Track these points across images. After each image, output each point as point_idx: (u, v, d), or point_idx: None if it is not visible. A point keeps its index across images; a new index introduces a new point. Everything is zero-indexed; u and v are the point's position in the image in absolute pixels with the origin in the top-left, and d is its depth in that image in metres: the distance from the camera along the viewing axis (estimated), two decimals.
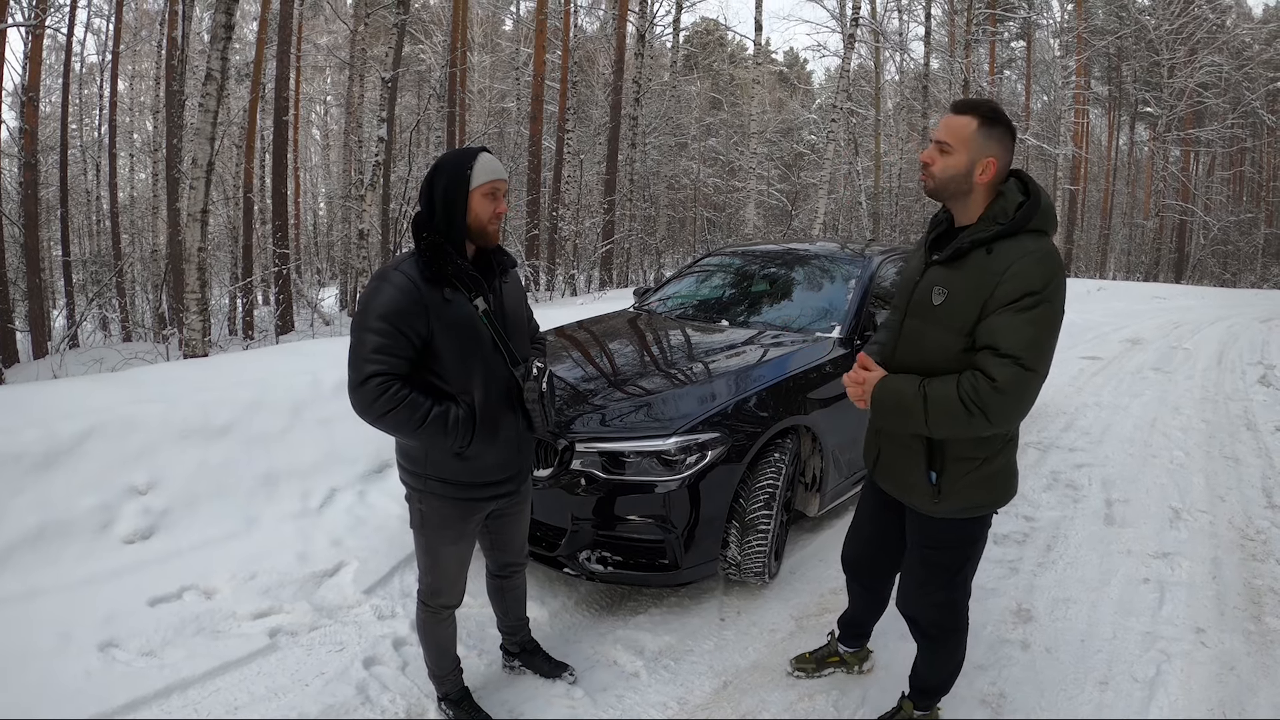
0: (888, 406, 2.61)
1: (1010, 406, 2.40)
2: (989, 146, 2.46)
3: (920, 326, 2.62)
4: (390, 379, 2.56)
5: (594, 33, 26.92)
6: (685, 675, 3.55)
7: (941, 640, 2.96)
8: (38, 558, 3.82)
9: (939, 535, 2.77)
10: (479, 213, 2.68)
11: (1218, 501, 5.70)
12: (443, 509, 2.84)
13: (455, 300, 2.66)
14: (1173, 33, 31.17)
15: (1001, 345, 2.35)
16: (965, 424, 2.43)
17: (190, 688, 3.26)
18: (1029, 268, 2.35)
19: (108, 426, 4.44)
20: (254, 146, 20.46)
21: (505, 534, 3.17)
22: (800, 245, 6.42)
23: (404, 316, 2.56)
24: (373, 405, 2.55)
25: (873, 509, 3.11)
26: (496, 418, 2.76)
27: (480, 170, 2.66)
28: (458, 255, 2.68)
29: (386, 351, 2.56)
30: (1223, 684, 3.51)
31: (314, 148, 38.93)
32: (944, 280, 2.54)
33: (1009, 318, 2.35)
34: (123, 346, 13.02)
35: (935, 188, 2.54)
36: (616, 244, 20.30)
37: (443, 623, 3.06)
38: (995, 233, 2.43)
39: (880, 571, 3.20)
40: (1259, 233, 36.74)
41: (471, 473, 2.79)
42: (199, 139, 8.33)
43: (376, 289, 2.59)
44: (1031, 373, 2.37)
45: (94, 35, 25.38)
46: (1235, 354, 12.57)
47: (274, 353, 6.64)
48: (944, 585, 2.84)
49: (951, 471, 2.63)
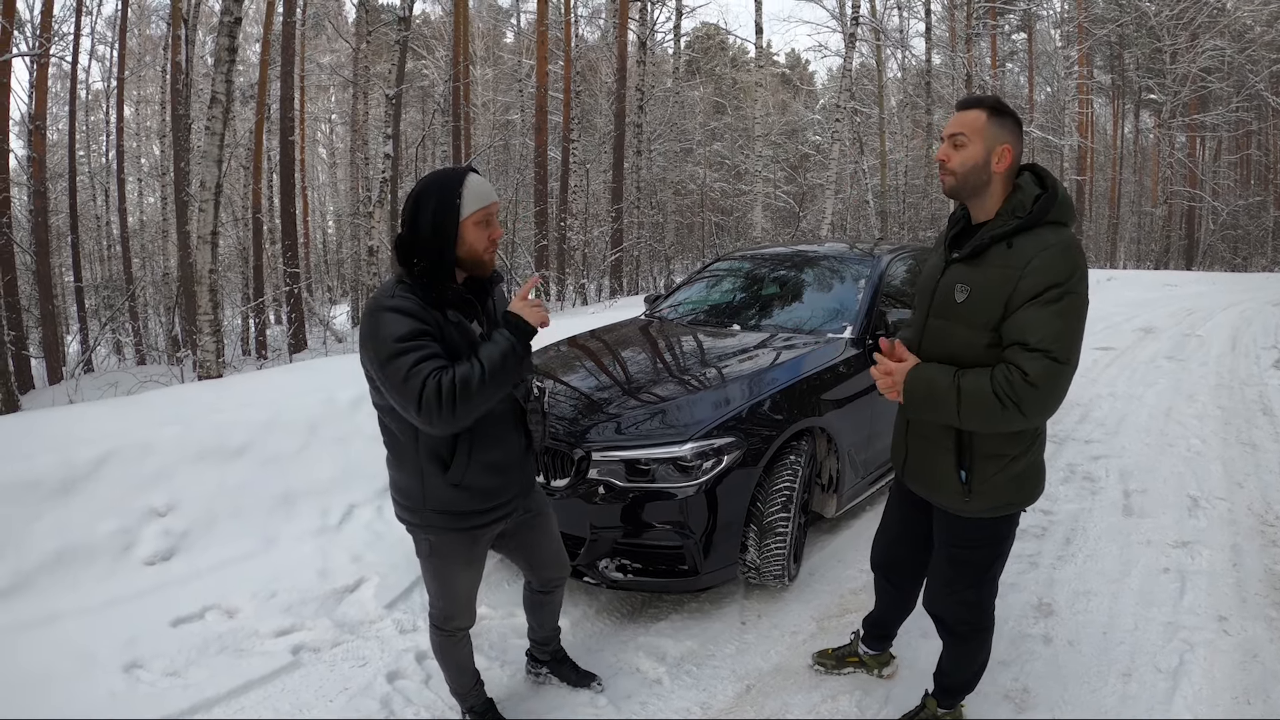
0: (920, 395, 2.60)
1: (1044, 399, 2.40)
2: (1002, 134, 2.49)
3: (945, 325, 2.62)
4: (437, 373, 2.38)
5: (595, 42, 26.99)
6: (708, 680, 3.55)
7: (968, 639, 2.95)
8: (58, 582, 3.85)
9: (968, 535, 2.76)
10: (473, 243, 2.56)
11: (1236, 488, 5.68)
12: (451, 540, 2.76)
13: (459, 323, 2.56)
14: (1173, 18, 31.00)
15: (1031, 339, 2.36)
16: (999, 417, 2.43)
17: (215, 707, 3.28)
18: (1051, 260, 2.36)
19: (125, 450, 4.48)
20: (261, 167, 20.60)
21: (537, 552, 3.12)
22: (809, 247, 6.44)
23: (418, 331, 2.43)
24: (441, 408, 2.37)
25: (901, 510, 3.11)
26: (499, 437, 2.71)
27: (470, 197, 2.53)
28: (450, 280, 2.57)
29: (424, 358, 2.40)
30: (1246, 672, 3.49)
31: (321, 166, 39.09)
32: (966, 278, 2.55)
33: (1035, 311, 2.36)
34: (137, 370, 13.14)
35: (956, 184, 2.55)
36: (625, 252, 20.33)
37: (459, 643, 3.03)
38: (1014, 226, 2.45)
39: (909, 571, 3.18)
40: (1268, 216, 36.47)
41: (471, 500, 2.69)
42: (206, 162, 8.39)
43: (379, 320, 2.44)
44: (1063, 365, 2.37)
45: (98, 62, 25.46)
46: (1249, 339, 12.50)
47: (288, 372, 6.68)
48: (973, 584, 2.85)
49: (981, 470, 2.63)
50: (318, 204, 37.84)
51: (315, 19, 25.12)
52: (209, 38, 22.41)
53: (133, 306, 19.03)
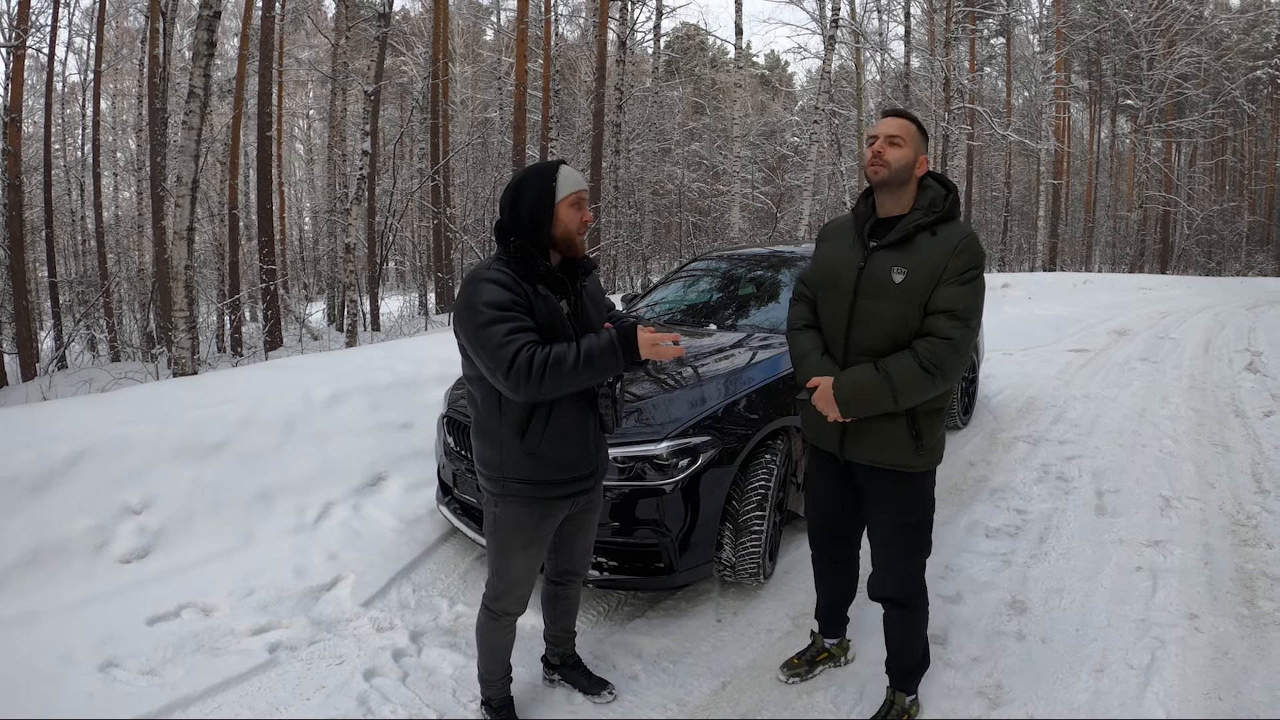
0: (855, 400, 2.87)
1: (962, 360, 2.80)
2: (922, 145, 2.91)
3: (880, 304, 2.88)
4: (531, 345, 2.59)
5: (575, 40, 26.98)
6: (684, 677, 3.57)
7: (916, 609, 3.13)
8: (34, 580, 3.82)
9: (916, 493, 3.01)
10: (567, 223, 2.77)
11: (1208, 488, 5.74)
12: (519, 511, 2.89)
13: (547, 297, 2.75)
14: (1151, 25, 31.29)
15: (957, 309, 2.76)
16: (929, 386, 2.78)
17: (191, 706, 3.26)
18: (970, 246, 2.79)
19: (100, 447, 4.44)
20: (238, 163, 20.42)
21: (571, 539, 3.18)
22: (785, 247, 6.47)
23: (516, 304, 2.64)
24: (529, 378, 2.56)
25: (831, 485, 3.24)
26: (572, 415, 2.83)
27: (565, 182, 2.76)
28: (544, 259, 2.76)
29: (518, 330, 2.60)
30: (1217, 668, 3.54)
31: (298, 162, 38.86)
32: (899, 261, 2.85)
33: (958, 288, 2.77)
34: (112, 366, 13.01)
35: (889, 176, 2.86)
36: (603, 251, 20.30)
37: (502, 629, 3.10)
38: (936, 218, 2.84)
39: (850, 540, 3.37)
40: (1242, 221, 36.94)
41: (547, 469, 2.83)
42: (183, 156, 8.33)
43: (475, 289, 2.66)
44: (973, 331, 2.81)
45: (75, 55, 25.35)
46: (1222, 342, 12.65)
47: (264, 369, 6.63)
48: (920, 547, 3.08)
49: (928, 425, 2.92)
50: (295, 200, 37.57)
51: (294, 14, 24.91)
52: (187, 31, 22.21)
53: (108, 302, 18.84)
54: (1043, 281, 21.11)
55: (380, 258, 19.33)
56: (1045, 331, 13.63)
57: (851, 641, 3.66)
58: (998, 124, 26.32)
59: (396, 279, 36.76)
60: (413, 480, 5.28)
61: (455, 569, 4.53)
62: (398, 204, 19.51)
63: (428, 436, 5.58)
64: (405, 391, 5.94)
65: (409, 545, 4.65)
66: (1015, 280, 20.01)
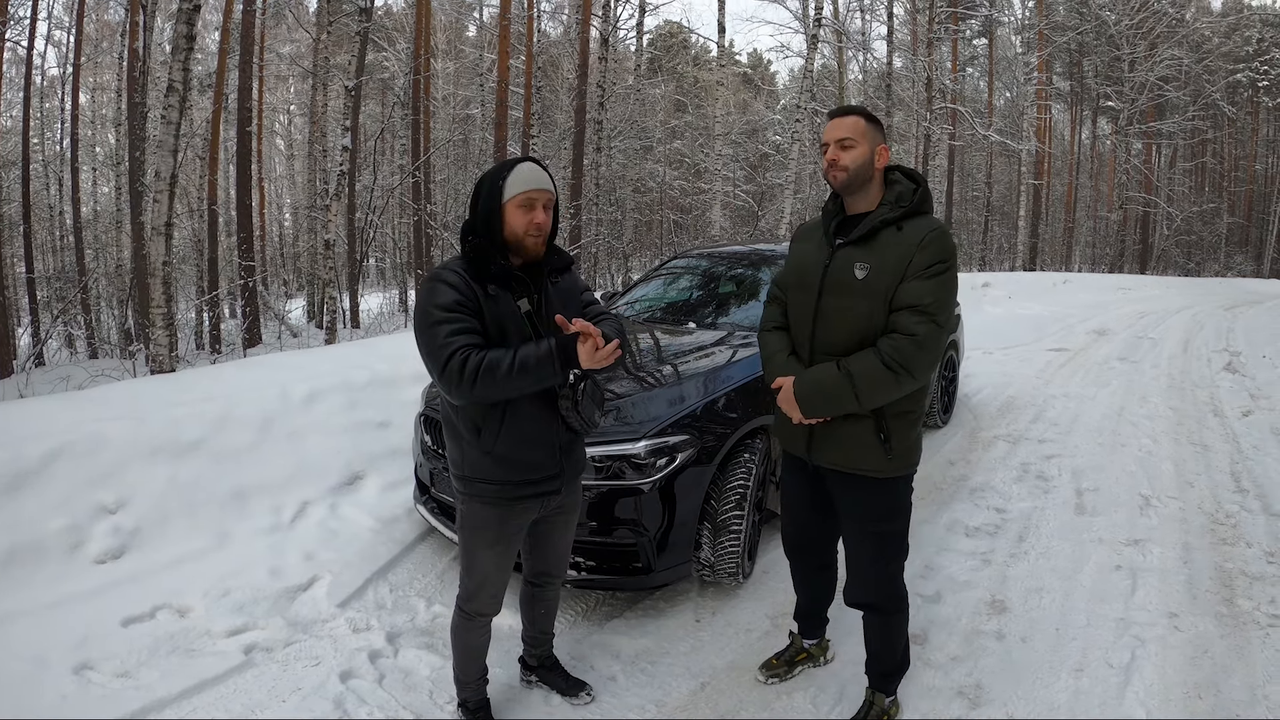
0: (815, 400, 2.84)
1: (929, 358, 2.72)
2: (878, 137, 2.84)
3: (843, 302, 2.84)
4: (466, 349, 2.58)
5: (558, 37, 26.84)
6: (663, 677, 3.56)
7: (895, 613, 3.09)
8: (8, 581, 3.77)
9: (888, 499, 2.95)
10: (513, 225, 2.71)
11: (1187, 487, 5.78)
12: (481, 510, 2.87)
13: (500, 297, 2.71)
14: (1133, 27, 31.50)
15: (923, 303, 2.69)
16: (894, 386, 2.72)
17: (166, 708, 3.22)
18: (938, 240, 2.72)
19: (76, 445, 4.39)
20: (218, 158, 20.26)
21: (547, 541, 3.17)
22: (766, 246, 6.47)
23: (461, 305, 2.63)
24: (460, 382, 2.56)
25: (803, 490, 3.21)
26: (531, 416, 2.79)
27: (513, 182, 2.70)
28: (500, 257, 2.72)
29: (457, 332, 2.60)
30: (1197, 667, 3.55)
31: (278, 158, 38.60)
32: (863, 258, 2.80)
33: (924, 283, 2.70)
34: (89, 364, 12.89)
35: (849, 179, 2.82)
36: (583, 248, 20.26)
37: (476, 630, 3.08)
38: (902, 213, 2.79)
39: (824, 544, 3.34)
40: (1221, 222, 37.31)
41: (506, 470, 2.80)
42: (162, 151, 8.24)
43: (431, 289, 2.68)
44: (941, 328, 2.72)
45: (54, 47, 24.98)
46: (1200, 342, 12.74)
47: (241, 366, 6.58)
48: (896, 553, 3.03)
49: (897, 428, 2.85)
50: (275, 196, 37.34)
51: (275, 8, 24.68)
52: (167, 24, 21.98)
53: (85, 299, 18.66)
54: (1023, 281, 21.19)
55: (360, 254, 19.24)
56: (1025, 331, 13.70)
57: (831, 642, 3.65)
58: (979, 124, 26.45)
59: (377, 276, 36.66)
60: (390, 479, 5.24)
61: (432, 569, 4.50)
62: (378, 200, 19.37)
63: (405, 435, 5.55)
64: (383, 390, 5.90)
65: (386, 545, 4.62)
66: (996, 279, 20.07)
